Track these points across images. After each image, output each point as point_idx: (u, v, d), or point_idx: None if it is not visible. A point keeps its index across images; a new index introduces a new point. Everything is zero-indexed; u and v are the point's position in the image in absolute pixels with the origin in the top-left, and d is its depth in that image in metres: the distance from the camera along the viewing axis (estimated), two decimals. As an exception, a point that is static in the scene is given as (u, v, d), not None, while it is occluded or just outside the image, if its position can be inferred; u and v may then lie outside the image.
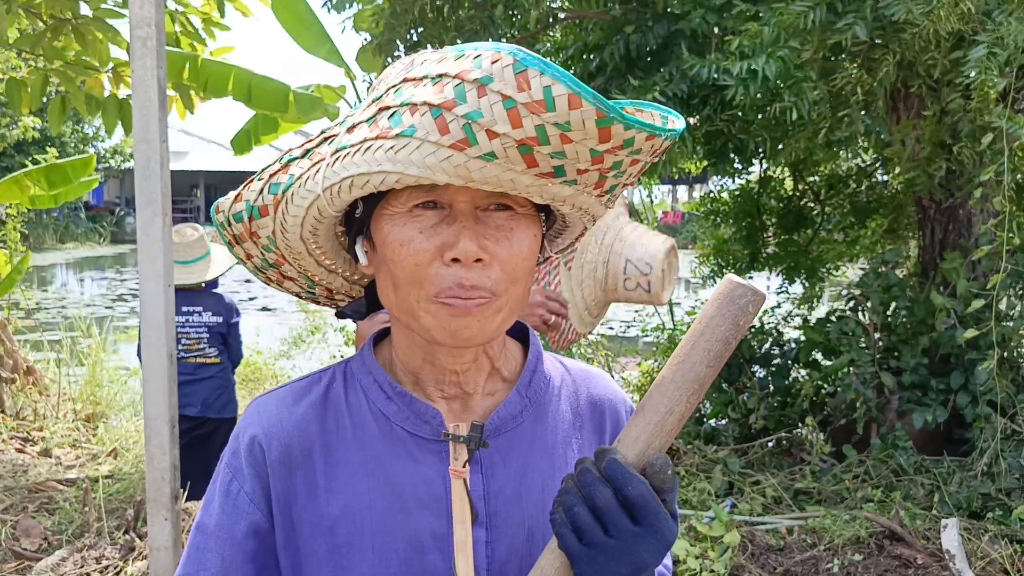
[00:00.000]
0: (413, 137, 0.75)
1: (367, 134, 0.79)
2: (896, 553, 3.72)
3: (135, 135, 2.50)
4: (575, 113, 0.71)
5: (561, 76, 0.70)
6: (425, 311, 0.85)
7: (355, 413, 0.94)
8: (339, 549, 0.90)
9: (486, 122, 0.72)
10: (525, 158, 0.75)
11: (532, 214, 0.87)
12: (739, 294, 0.82)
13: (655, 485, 0.80)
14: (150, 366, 2.57)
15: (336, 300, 1.05)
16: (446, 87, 0.74)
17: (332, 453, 0.92)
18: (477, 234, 0.82)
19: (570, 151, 0.75)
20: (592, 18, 4.72)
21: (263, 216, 0.91)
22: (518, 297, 0.88)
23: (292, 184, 0.87)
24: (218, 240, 4.80)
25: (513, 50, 0.72)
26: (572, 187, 0.80)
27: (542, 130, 0.73)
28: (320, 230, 0.90)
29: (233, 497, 0.93)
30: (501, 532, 0.91)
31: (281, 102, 5.47)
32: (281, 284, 1.01)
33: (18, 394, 6.77)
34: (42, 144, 26.28)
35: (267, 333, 10.03)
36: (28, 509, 4.58)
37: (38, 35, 4.98)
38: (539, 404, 0.97)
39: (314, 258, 0.95)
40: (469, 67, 0.73)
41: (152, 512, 2.61)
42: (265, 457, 0.92)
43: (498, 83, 0.72)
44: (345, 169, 0.80)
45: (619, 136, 0.74)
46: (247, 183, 0.93)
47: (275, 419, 0.94)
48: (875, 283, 4.89)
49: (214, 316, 4.66)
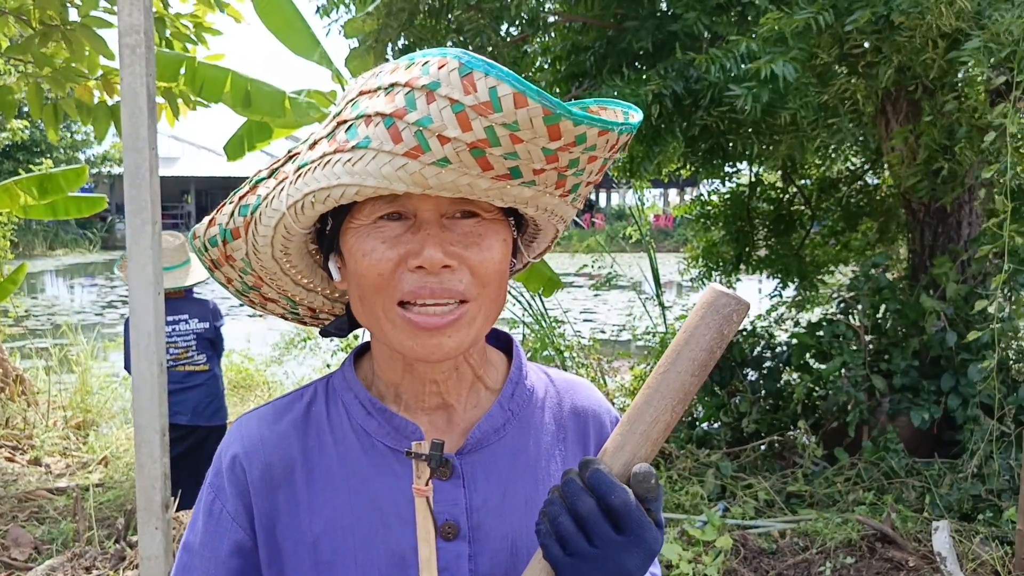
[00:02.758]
0: (368, 148, 0.76)
1: (326, 149, 0.80)
2: (888, 555, 3.73)
3: (124, 143, 2.49)
4: (522, 112, 0.71)
5: (506, 76, 0.71)
6: (390, 321, 0.84)
7: (336, 429, 0.94)
8: (323, 566, 0.90)
9: (436, 127, 0.73)
10: (479, 161, 0.75)
11: (500, 219, 0.87)
12: (723, 303, 0.82)
13: (639, 494, 0.80)
14: (140, 374, 2.56)
15: (320, 319, 1.05)
16: (397, 96, 0.75)
17: (314, 470, 0.92)
18: (443, 241, 0.82)
19: (522, 151, 0.74)
20: (583, 21, 4.73)
21: (235, 239, 0.92)
22: (492, 302, 0.87)
23: (260, 204, 0.88)
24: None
25: (459, 54, 0.72)
26: (532, 188, 0.79)
27: (491, 131, 0.73)
28: (291, 248, 0.90)
29: (216, 516, 0.93)
30: (484, 546, 0.91)
31: (278, 107, 5.46)
32: (264, 306, 1.02)
33: (7, 402, 6.73)
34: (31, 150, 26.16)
35: (258, 339, 10.01)
36: (18, 518, 4.55)
37: (27, 41, 4.96)
38: (522, 416, 0.97)
39: (290, 277, 0.95)
40: (417, 74, 0.74)
41: (143, 521, 2.60)
42: (247, 476, 0.92)
43: (445, 88, 0.72)
44: (306, 185, 0.81)
45: (569, 133, 0.74)
46: (219, 207, 0.94)
47: (256, 438, 0.94)
48: (865, 286, 4.91)
49: (200, 322, 4.65)
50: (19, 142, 13.31)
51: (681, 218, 9.20)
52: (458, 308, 0.84)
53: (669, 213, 28.78)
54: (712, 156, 5.34)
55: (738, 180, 6.44)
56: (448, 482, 0.90)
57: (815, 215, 6.32)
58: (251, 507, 0.92)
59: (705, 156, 5.24)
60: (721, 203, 6.55)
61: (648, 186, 7.91)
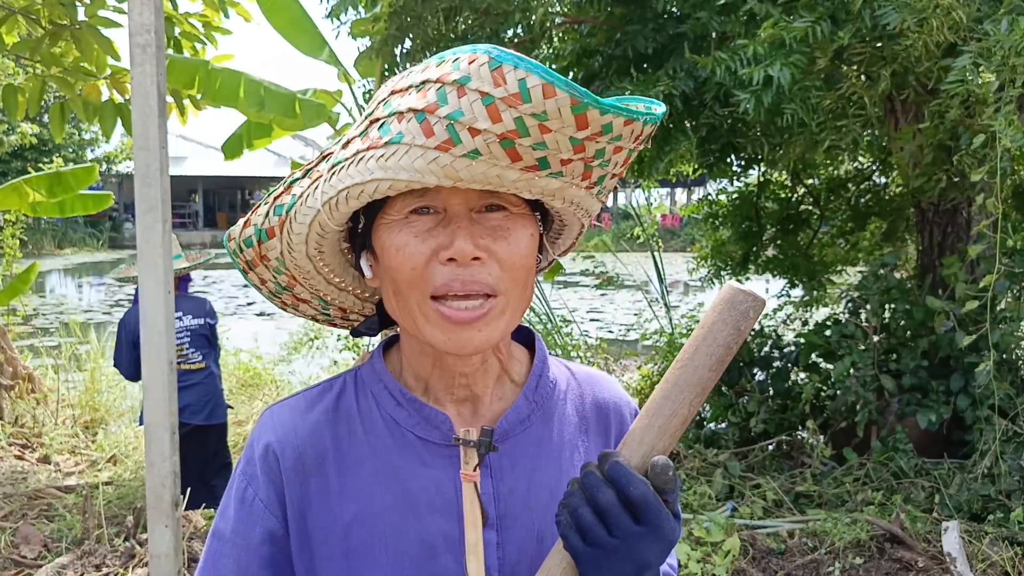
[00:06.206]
0: (401, 143, 0.78)
1: (359, 146, 0.83)
2: (897, 556, 3.71)
3: (135, 142, 2.50)
4: (550, 102, 0.73)
5: (535, 68, 0.73)
6: (424, 315, 0.87)
7: (367, 419, 0.96)
8: (353, 553, 0.92)
9: (467, 120, 0.75)
10: (508, 152, 0.77)
11: (527, 213, 0.89)
12: (740, 300, 0.84)
13: (657, 486, 0.82)
14: (150, 372, 2.57)
15: (350, 319, 1.08)
16: (428, 92, 0.77)
17: (345, 459, 0.94)
18: (473, 234, 0.84)
19: (550, 141, 0.76)
20: (590, 23, 4.73)
21: (270, 238, 0.94)
22: (520, 296, 0.89)
23: (295, 203, 0.90)
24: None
25: (488, 48, 0.74)
26: (559, 179, 0.81)
27: (521, 122, 0.75)
28: (325, 246, 0.93)
29: (248, 504, 0.95)
30: (511, 534, 0.93)
31: (289, 109, 5.49)
32: (296, 308, 1.04)
33: (17, 401, 6.76)
34: (40, 149, 26.25)
35: (266, 338, 10.02)
36: (28, 516, 4.57)
37: (36, 41, 4.98)
38: (546, 408, 0.99)
39: (323, 276, 0.98)
40: (449, 70, 0.76)
41: (152, 519, 2.61)
42: (279, 464, 0.94)
43: (476, 81, 0.74)
44: (340, 182, 0.84)
45: (596, 122, 0.76)
46: (255, 208, 0.96)
47: (288, 427, 0.96)
48: (874, 286, 4.89)
49: (195, 319, 4.66)
50: (29, 144, 13.39)
51: (688, 218, 9.18)
52: (487, 302, 0.86)
53: (676, 213, 28.75)
54: (723, 156, 5.34)
55: (746, 180, 6.43)
56: (476, 472, 0.93)
57: (824, 215, 6.30)
58: (283, 495, 0.94)
59: (716, 157, 5.23)
60: (729, 203, 6.54)
61: (655, 185, 7.90)
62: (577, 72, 5.00)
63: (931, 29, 3.29)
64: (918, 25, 3.33)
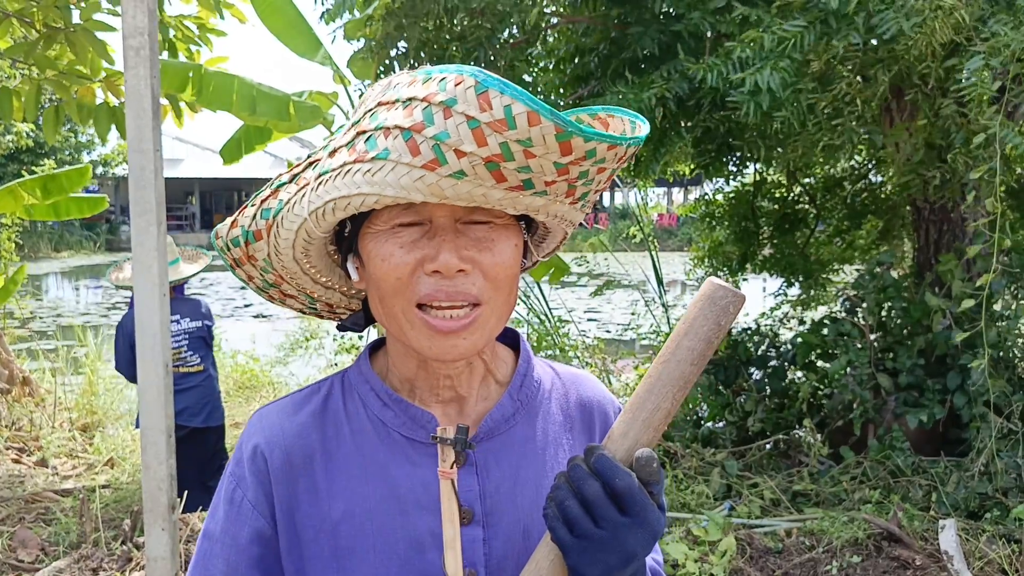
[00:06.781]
0: (387, 159, 0.79)
1: (346, 158, 0.83)
2: (894, 554, 3.72)
3: (129, 144, 2.50)
4: (535, 130, 0.75)
5: (520, 95, 0.74)
6: (409, 322, 0.88)
7: (354, 420, 0.98)
8: (342, 551, 0.93)
9: (453, 142, 0.76)
10: (493, 174, 0.78)
11: (511, 224, 0.90)
12: (720, 295, 0.86)
13: (642, 478, 0.83)
14: (146, 376, 2.57)
15: (337, 313, 1.09)
16: (415, 110, 0.78)
17: (332, 459, 0.96)
18: (458, 246, 0.86)
19: (535, 165, 0.78)
20: (586, 23, 4.73)
21: (257, 240, 0.96)
22: (504, 303, 0.91)
23: (282, 209, 0.91)
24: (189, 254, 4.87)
25: (475, 72, 0.75)
26: (543, 198, 0.83)
27: (506, 147, 0.76)
28: (311, 250, 0.94)
29: (237, 504, 0.96)
30: (497, 530, 0.95)
31: (283, 112, 5.48)
32: (284, 302, 1.06)
33: (14, 404, 6.75)
34: (36, 152, 26.23)
35: (263, 340, 10.01)
36: (25, 520, 4.57)
37: (31, 44, 4.98)
38: (530, 407, 1.01)
39: (309, 276, 0.99)
40: (435, 90, 0.77)
41: (149, 522, 2.61)
42: (268, 465, 0.96)
43: (462, 104, 0.75)
44: (327, 193, 0.85)
45: (580, 148, 0.77)
46: (241, 209, 0.97)
47: (276, 428, 0.98)
48: (871, 284, 4.90)
49: (192, 321, 4.65)
50: (25, 147, 13.40)
51: (685, 217, 9.19)
52: (472, 311, 0.88)
53: (673, 212, 28.78)
54: (719, 156, 5.34)
55: (742, 179, 6.43)
56: (462, 470, 0.95)
57: (820, 213, 6.31)
58: (272, 495, 0.95)
59: (712, 157, 5.23)
60: (726, 202, 6.54)
61: (652, 185, 7.91)
62: (573, 71, 5.00)
63: (932, 31, 3.29)
64: (918, 27, 3.32)
